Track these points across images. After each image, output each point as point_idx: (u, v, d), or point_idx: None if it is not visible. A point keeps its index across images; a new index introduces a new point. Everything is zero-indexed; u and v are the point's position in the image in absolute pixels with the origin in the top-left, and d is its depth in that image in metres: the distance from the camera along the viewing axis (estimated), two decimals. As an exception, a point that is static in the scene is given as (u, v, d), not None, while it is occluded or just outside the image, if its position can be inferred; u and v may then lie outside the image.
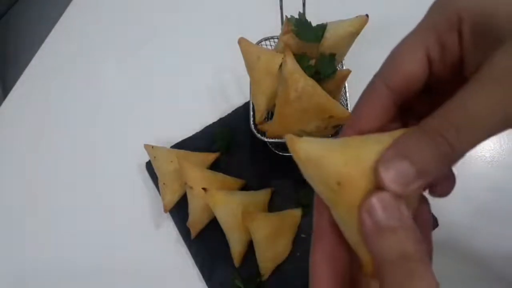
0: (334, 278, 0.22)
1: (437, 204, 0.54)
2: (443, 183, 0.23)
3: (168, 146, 0.62)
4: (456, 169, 0.63)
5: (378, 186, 0.20)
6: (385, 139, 0.21)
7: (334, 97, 0.47)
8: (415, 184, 0.20)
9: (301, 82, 0.45)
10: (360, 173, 0.20)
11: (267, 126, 0.51)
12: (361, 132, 0.23)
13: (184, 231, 0.57)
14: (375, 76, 0.23)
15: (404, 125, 0.24)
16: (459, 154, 0.20)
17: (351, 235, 0.22)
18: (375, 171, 0.20)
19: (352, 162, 0.21)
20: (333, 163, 0.21)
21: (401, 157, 0.20)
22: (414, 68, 0.21)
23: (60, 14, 0.79)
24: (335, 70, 0.49)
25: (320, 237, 0.23)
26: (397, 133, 0.21)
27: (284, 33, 0.50)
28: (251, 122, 0.54)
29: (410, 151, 0.20)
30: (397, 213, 0.20)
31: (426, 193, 0.24)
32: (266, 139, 0.52)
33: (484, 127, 0.19)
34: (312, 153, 0.21)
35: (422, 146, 0.19)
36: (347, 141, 0.22)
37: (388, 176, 0.19)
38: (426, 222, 0.24)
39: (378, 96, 0.23)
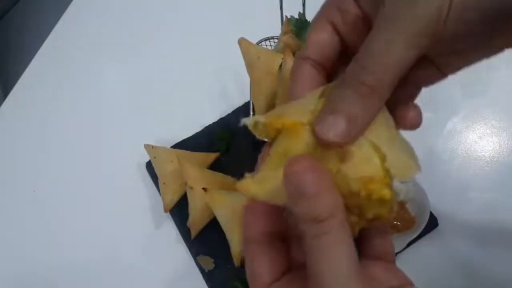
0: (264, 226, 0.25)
1: (437, 204, 0.54)
2: (404, 114, 0.25)
3: (168, 146, 0.62)
4: (457, 169, 0.62)
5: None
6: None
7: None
8: (352, 131, 0.22)
9: (301, 82, 0.45)
10: None
11: (267, 126, 0.51)
12: None
13: (184, 231, 0.57)
14: (296, 57, 0.26)
15: None
16: (382, 90, 0.21)
17: None
18: (314, 132, 0.22)
19: None
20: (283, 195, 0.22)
21: (330, 113, 0.22)
22: (322, 36, 0.25)
23: (60, 14, 0.79)
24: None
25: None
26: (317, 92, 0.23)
27: (284, 33, 0.50)
28: (251, 122, 0.54)
29: (337, 104, 0.22)
30: (311, 180, 0.21)
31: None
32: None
33: (388, 60, 0.21)
34: (262, 195, 0.23)
35: (346, 96, 0.22)
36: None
37: (324, 132, 0.21)
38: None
39: (302, 72, 0.25)
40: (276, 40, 0.59)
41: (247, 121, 0.24)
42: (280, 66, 0.49)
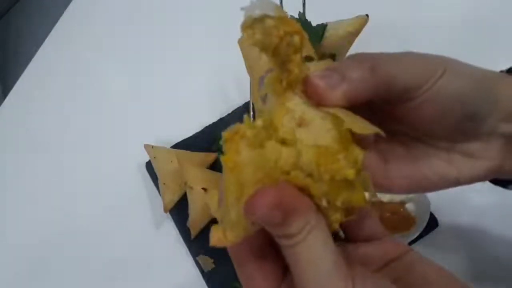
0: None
1: (437, 204, 0.54)
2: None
3: (168, 146, 0.62)
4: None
5: None
6: None
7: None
8: (342, 87, 0.23)
9: (301, 82, 0.45)
10: None
11: (267, 126, 0.51)
12: None
13: (184, 231, 0.57)
14: None
15: None
16: (379, 74, 0.23)
17: None
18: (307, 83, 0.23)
19: None
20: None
21: (328, 69, 0.24)
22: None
23: (60, 14, 0.79)
24: (335, 70, 0.49)
25: None
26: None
27: (284, 33, 0.50)
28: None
29: (338, 67, 0.24)
30: (274, 215, 0.20)
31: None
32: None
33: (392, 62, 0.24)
34: (239, 237, 0.23)
35: (348, 63, 0.24)
36: None
37: (314, 76, 0.23)
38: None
39: None
40: (276, 40, 0.59)
41: (248, 11, 0.22)
42: (280, 66, 0.48)
